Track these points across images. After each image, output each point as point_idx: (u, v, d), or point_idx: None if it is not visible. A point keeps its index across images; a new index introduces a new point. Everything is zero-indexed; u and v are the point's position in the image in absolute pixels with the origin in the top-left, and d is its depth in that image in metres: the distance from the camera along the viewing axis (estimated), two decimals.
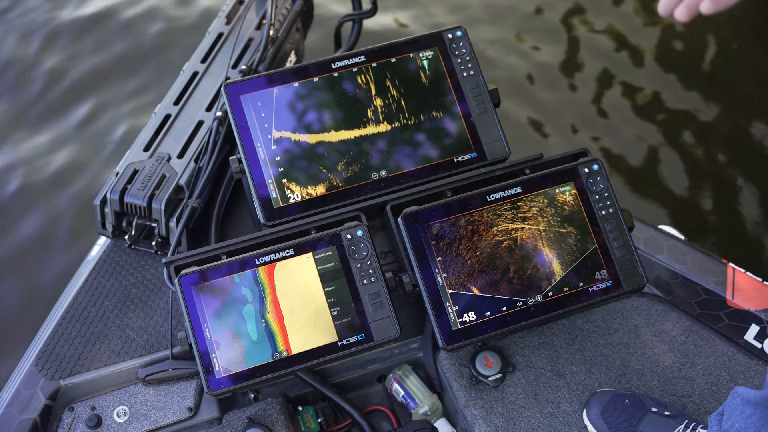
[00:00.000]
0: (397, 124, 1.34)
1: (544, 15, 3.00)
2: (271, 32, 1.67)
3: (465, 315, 1.22)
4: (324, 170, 1.31)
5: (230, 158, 1.31)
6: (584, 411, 1.30)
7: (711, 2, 0.92)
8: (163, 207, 1.42)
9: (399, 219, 1.25)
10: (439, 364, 1.39)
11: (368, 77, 1.35)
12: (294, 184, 1.30)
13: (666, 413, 1.23)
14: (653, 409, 1.24)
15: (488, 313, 1.23)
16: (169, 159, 1.49)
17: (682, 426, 1.18)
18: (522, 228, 1.27)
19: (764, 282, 1.41)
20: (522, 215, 1.27)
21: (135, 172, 1.47)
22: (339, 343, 1.20)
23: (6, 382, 1.36)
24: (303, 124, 1.32)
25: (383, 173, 1.32)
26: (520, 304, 1.24)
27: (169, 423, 1.31)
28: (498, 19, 2.97)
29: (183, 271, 1.19)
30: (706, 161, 2.51)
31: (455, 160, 1.34)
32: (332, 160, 1.31)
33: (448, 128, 1.35)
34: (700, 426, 1.18)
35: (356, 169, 1.32)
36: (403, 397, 1.40)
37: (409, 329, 1.43)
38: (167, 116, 1.57)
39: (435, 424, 1.37)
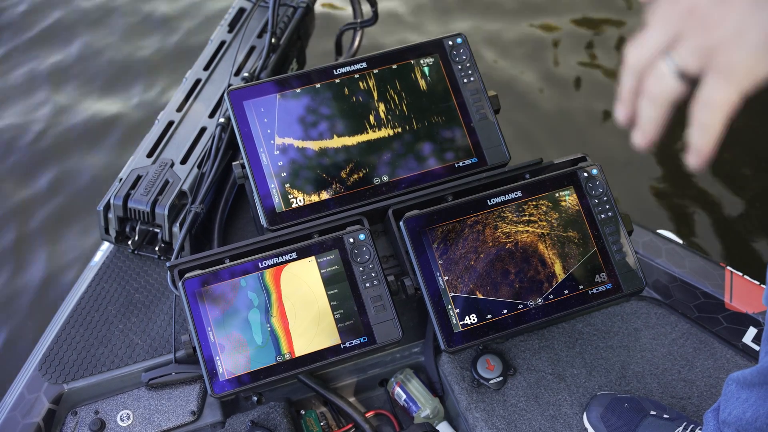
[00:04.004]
0: (398, 129, 1.36)
1: (545, 16, 3.03)
2: (273, 40, 1.69)
3: (466, 318, 1.23)
4: (326, 175, 1.32)
5: (233, 164, 1.32)
6: (584, 414, 1.31)
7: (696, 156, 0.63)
8: (166, 212, 1.43)
9: (401, 223, 1.26)
10: (441, 368, 1.40)
11: (370, 83, 1.37)
12: (296, 189, 1.31)
13: (665, 416, 1.24)
14: (652, 412, 1.24)
15: (489, 316, 1.24)
16: (172, 165, 1.50)
17: (681, 428, 1.19)
18: (522, 232, 1.28)
19: (762, 285, 1.43)
20: (522, 219, 1.29)
21: (138, 177, 1.48)
22: (342, 346, 1.21)
23: (9, 387, 1.36)
24: (305, 130, 1.34)
25: (385, 178, 1.34)
26: (521, 306, 1.25)
27: (172, 427, 1.32)
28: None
29: (187, 275, 1.21)
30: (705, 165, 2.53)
31: (456, 166, 1.36)
32: (334, 165, 1.33)
33: (449, 134, 1.37)
34: (699, 428, 1.19)
35: (358, 174, 1.33)
36: (405, 400, 1.41)
37: (411, 333, 1.44)
38: (170, 123, 1.58)
39: (437, 428, 1.37)
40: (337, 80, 1.36)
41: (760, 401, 0.95)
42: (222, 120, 1.53)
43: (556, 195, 1.31)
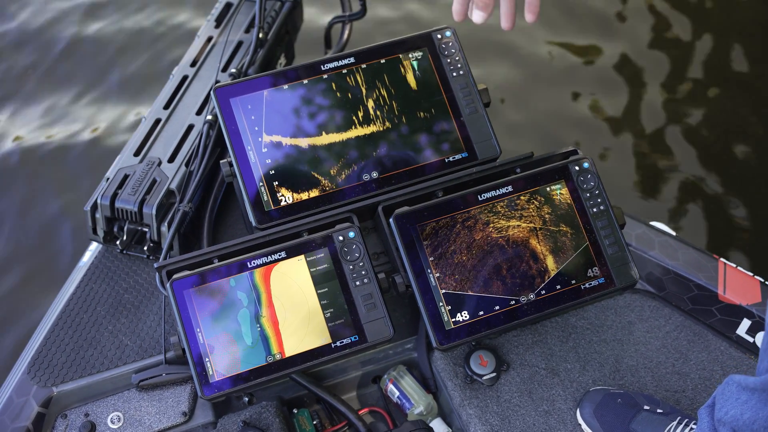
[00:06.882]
0: (387, 125, 1.34)
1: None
2: (261, 35, 1.67)
3: (458, 315, 1.23)
4: (315, 172, 1.31)
5: (221, 162, 1.31)
6: (577, 410, 1.30)
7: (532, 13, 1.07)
8: (154, 212, 1.41)
9: (391, 220, 1.25)
10: (434, 364, 1.39)
11: (358, 79, 1.35)
12: (285, 186, 1.29)
13: (659, 410, 1.23)
14: (646, 407, 1.24)
15: (481, 313, 1.23)
16: (159, 163, 1.48)
17: (675, 423, 1.19)
18: (514, 227, 1.27)
19: (755, 277, 1.42)
20: (513, 214, 1.28)
21: (125, 177, 1.46)
22: (333, 345, 1.20)
23: None
24: (293, 127, 1.32)
25: (374, 174, 1.32)
26: (513, 302, 1.24)
27: (163, 428, 1.31)
28: None
29: (175, 276, 1.19)
30: (697, 157, 2.53)
31: (446, 160, 1.34)
32: (323, 162, 1.32)
33: (439, 128, 1.35)
34: (693, 422, 1.18)
35: (347, 171, 1.32)
36: (398, 397, 1.40)
37: (403, 330, 1.43)
38: (157, 120, 1.56)
39: (430, 424, 1.37)
40: (325, 76, 1.35)
41: (760, 404, 0.95)
42: (209, 117, 1.51)
43: (548, 189, 1.30)
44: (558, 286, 1.26)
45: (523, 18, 1.12)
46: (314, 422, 1.37)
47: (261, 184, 1.29)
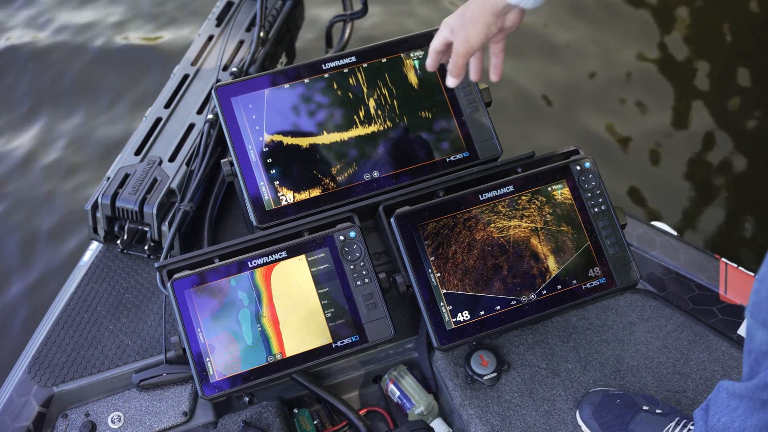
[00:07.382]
0: (388, 124, 1.34)
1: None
2: (262, 33, 1.67)
3: (459, 315, 1.22)
4: (316, 172, 1.31)
5: (222, 161, 1.31)
6: (577, 411, 1.30)
7: (495, 73, 1.18)
8: (155, 211, 1.41)
9: (392, 219, 1.24)
10: (435, 364, 1.39)
11: (359, 78, 1.35)
12: (286, 186, 1.29)
13: (657, 411, 1.23)
14: (645, 408, 1.24)
15: (482, 313, 1.23)
16: (160, 162, 1.48)
17: (673, 423, 1.19)
18: (515, 227, 1.27)
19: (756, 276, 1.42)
20: (514, 214, 1.28)
21: (126, 176, 1.46)
22: (333, 345, 1.20)
23: None
24: (294, 126, 1.32)
25: (375, 174, 1.32)
26: (514, 302, 1.24)
27: (164, 428, 1.31)
28: None
29: (176, 275, 1.19)
30: (698, 156, 2.52)
31: (447, 160, 1.34)
32: (324, 162, 1.31)
33: (440, 128, 1.35)
34: (691, 423, 1.18)
35: (348, 170, 1.32)
36: (398, 397, 1.40)
37: (404, 329, 1.43)
38: (158, 120, 1.56)
39: (431, 424, 1.37)
40: (326, 75, 1.34)
41: (748, 412, 0.96)
42: (210, 116, 1.51)
43: (549, 189, 1.29)
44: (559, 286, 1.26)
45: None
46: (315, 422, 1.37)
47: (262, 183, 1.28)
